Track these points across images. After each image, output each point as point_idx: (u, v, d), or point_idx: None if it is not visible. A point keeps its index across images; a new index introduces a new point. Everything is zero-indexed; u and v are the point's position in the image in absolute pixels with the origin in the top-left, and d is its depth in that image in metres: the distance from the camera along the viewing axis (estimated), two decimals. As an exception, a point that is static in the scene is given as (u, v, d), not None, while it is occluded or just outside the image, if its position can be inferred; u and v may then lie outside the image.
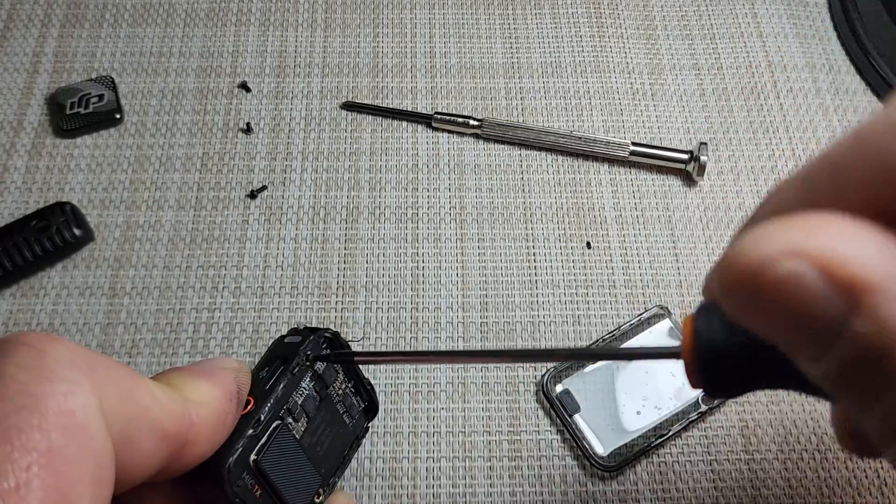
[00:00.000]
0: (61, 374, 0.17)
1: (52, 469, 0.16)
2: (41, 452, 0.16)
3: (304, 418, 0.28)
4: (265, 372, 0.28)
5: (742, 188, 0.43)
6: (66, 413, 0.17)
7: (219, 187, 0.43)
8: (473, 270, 0.41)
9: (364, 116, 0.45)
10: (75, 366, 0.18)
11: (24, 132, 0.44)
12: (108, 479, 0.18)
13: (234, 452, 0.25)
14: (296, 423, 0.28)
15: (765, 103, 0.46)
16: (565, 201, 0.43)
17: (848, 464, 0.36)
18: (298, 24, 0.48)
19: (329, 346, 0.29)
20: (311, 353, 0.29)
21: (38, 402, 0.17)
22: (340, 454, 0.30)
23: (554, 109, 0.46)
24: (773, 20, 0.49)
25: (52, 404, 0.17)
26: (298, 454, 0.28)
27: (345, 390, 0.30)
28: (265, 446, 0.26)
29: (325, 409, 0.29)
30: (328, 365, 0.29)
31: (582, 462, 0.36)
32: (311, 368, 0.29)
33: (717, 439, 0.36)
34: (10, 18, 0.48)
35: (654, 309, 0.39)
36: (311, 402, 0.29)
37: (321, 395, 0.29)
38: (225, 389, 0.23)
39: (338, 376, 0.30)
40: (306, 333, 0.29)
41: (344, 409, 0.30)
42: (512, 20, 0.49)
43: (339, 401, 0.30)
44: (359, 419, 0.31)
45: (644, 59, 0.48)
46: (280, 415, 0.27)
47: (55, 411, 0.17)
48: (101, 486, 0.17)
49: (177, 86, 0.46)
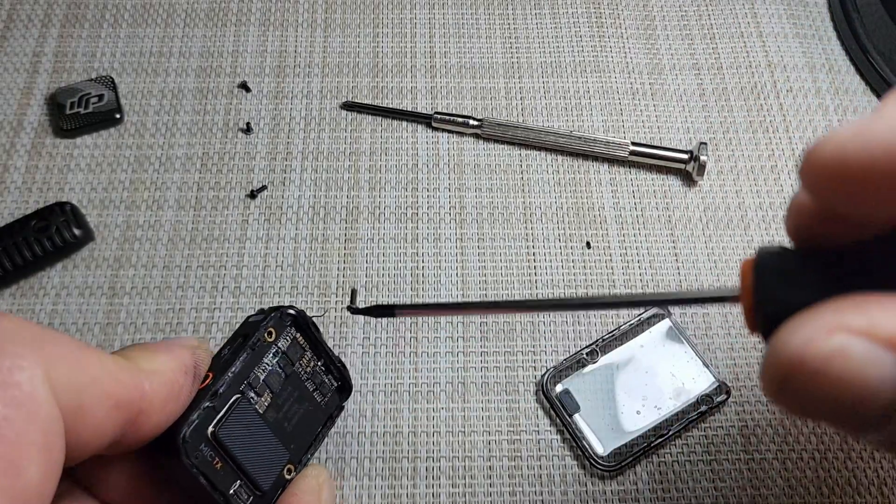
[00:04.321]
0: (7, 348, 0.18)
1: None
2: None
3: (267, 393, 0.29)
4: (227, 350, 0.28)
5: (742, 188, 0.43)
6: (13, 385, 0.17)
7: (219, 187, 0.43)
8: (473, 270, 0.41)
9: (364, 116, 0.45)
10: (22, 340, 0.18)
11: (24, 132, 0.44)
12: (57, 448, 0.18)
13: (191, 423, 0.25)
14: (258, 397, 0.28)
15: (765, 103, 0.46)
16: (565, 201, 0.43)
17: (848, 464, 0.36)
18: (298, 24, 0.48)
19: (294, 324, 0.30)
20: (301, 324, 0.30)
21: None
22: (312, 431, 0.30)
23: (554, 109, 0.46)
24: (772, 20, 0.49)
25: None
26: (261, 428, 0.28)
27: (314, 368, 0.31)
28: (223, 418, 0.26)
29: (291, 385, 0.30)
30: (293, 341, 0.30)
31: (582, 462, 0.36)
32: (275, 344, 0.29)
33: (716, 439, 0.36)
34: (10, 18, 0.48)
35: (654, 309, 0.39)
36: (275, 377, 0.29)
37: (286, 371, 0.29)
38: (180, 362, 0.24)
39: (304, 354, 0.30)
40: (269, 312, 0.29)
41: (314, 386, 0.31)
42: (512, 20, 0.49)
43: (307, 378, 0.30)
44: (331, 398, 0.31)
45: (644, 59, 0.48)
46: (241, 389, 0.28)
47: (1, 384, 0.17)
48: (50, 454, 0.18)
49: (177, 86, 0.46)
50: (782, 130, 0.45)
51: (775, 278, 0.18)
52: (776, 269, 0.18)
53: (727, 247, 0.42)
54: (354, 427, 0.36)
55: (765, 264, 0.18)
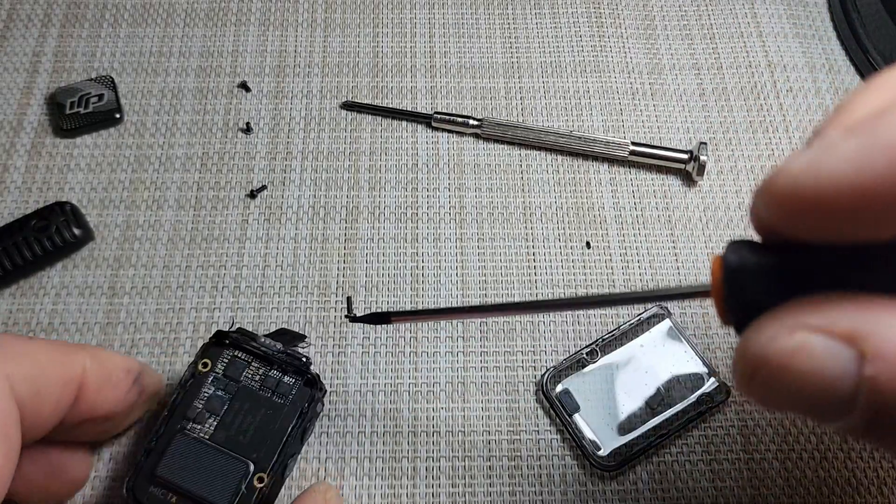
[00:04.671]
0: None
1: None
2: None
3: (212, 418, 0.31)
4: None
5: (742, 188, 0.43)
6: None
7: (218, 187, 0.43)
8: (473, 270, 0.41)
9: (364, 116, 0.45)
10: None
11: (24, 132, 0.44)
12: (12, 436, 0.23)
13: (138, 470, 0.30)
14: (200, 425, 0.31)
15: (765, 103, 0.46)
16: (565, 201, 0.43)
17: (848, 463, 0.36)
18: (298, 24, 0.48)
19: (231, 345, 0.33)
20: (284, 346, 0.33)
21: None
22: (281, 432, 0.32)
23: (554, 109, 0.46)
24: (772, 20, 0.49)
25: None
26: (209, 452, 0.31)
27: (264, 375, 0.33)
28: (164, 457, 0.30)
29: (241, 399, 0.32)
30: (231, 360, 0.32)
31: (582, 462, 0.36)
32: (213, 372, 0.32)
33: (716, 439, 0.36)
34: (10, 18, 0.48)
35: (654, 309, 0.39)
36: (216, 401, 0.32)
37: (232, 389, 0.32)
38: (124, 364, 0.30)
39: (249, 366, 0.33)
40: (202, 346, 0.33)
41: (270, 391, 0.33)
42: (512, 20, 0.49)
43: (259, 387, 0.33)
44: (298, 394, 0.33)
45: (644, 58, 0.48)
46: (179, 426, 0.31)
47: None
48: (8, 440, 0.23)
49: (177, 86, 0.46)
50: (782, 130, 0.45)
51: (742, 275, 0.18)
52: (743, 265, 0.18)
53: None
54: (354, 427, 0.36)
55: (733, 260, 0.19)
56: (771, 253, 0.18)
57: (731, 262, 0.19)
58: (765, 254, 0.18)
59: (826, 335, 0.16)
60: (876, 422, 0.16)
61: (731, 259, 0.19)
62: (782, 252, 0.18)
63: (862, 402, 0.15)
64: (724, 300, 0.19)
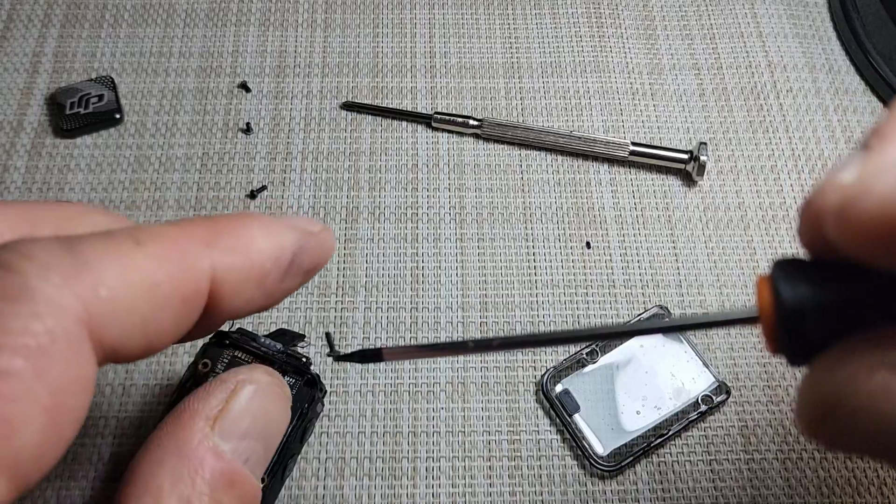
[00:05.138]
0: (28, 293, 0.16)
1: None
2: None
3: None
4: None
5: (742, 188, 0.43)
6: (27, 334, 0.15)
7: (218, 187, 0.43)
8: (473, 270, 0.41)
9: (364, 116, 0.45)
10: (49, 281, 0.16)
11: (24, 132, 0.44)
12: (68, 407, 0.16)
13: None
14: None
15: (765, 103, 0.46)
16: (565, 201, 0.43)
17: (848, 464, 0.36)
18: (298, 24, 0.48)
19: (231, 345, 0.32)
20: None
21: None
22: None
23: (554, 109, 0.46)
24: (772, 20, 0.49)
25: (12, 326, 0.15)
26: None
27: None
28: None
29: None
30: (231, 360, 0.32)
31: (582, 462, 0.36)
32: (213, 372, 0.32)
33: (717, 439, 0.36)
34: (10, 18, 0.48)
35: (654, 309, 0.39)
36: None
37: None
38: (271, 247, 0.20)
39: None
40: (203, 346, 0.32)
41: None
42: (512, 20, 0.49)
43: None
44: (298, 393, 0.32)
45: (644, 59, 0.48)
46: None
47: (13, 332, 0.15)
48: (57, 415, 0.16)
49: (177, 86, 0.46)
50: (782, 130, 0.45)
51: (801, 310, 0.16)
52: (801, 300, 0.16)
53: (727, 247, 0.42)
54: (354, 427, 0.36)
55: (789, 295, 0.16)
56: (828, 281, 0.16)
57: (787, 296, 0.16)
58: (822, 283, 0.16)
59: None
60: None
61: (787, 293, 0.16)
62: (840, 277, 0.16)
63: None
64: (776, 330, 0.17)
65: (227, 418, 0.21)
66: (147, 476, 0.20)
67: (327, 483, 0.35)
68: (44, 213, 0.20)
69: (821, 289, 0.16)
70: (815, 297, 0.16)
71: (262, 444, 0.22)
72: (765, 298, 0.17)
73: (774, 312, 0.17)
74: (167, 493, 0.19)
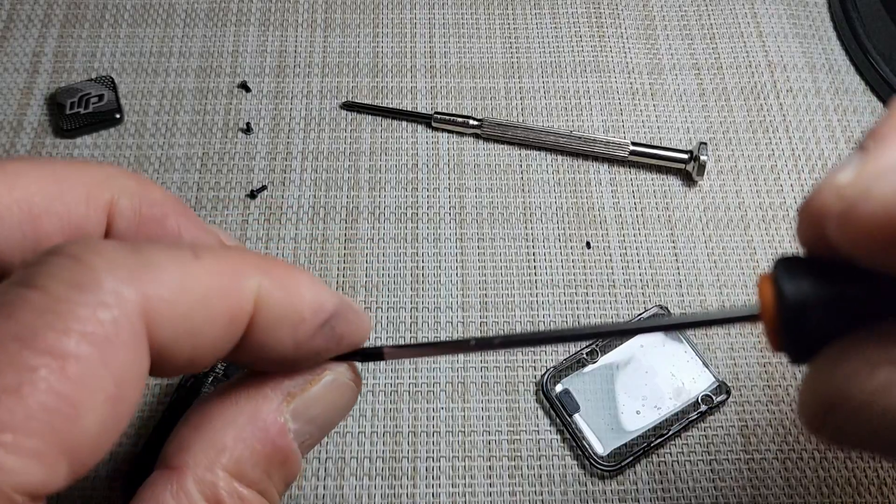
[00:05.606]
0: (96, 283, 0.16)
1: (63, 375, 0.15)
2: (55, 356, 0.15)
3: None
4: None
5: (742, 188, 0.43)
6: (94, 322, 0.16)
7: (219, 187, 0.43)
8: (473, 270, 0.41)
9: (364, 116, 0.45)
10: (115, 275, 0.16)
11: (24, 132, 0.44)
12: (127, 398, 0.17)
13: (134, 473, 0.31)
14: None
15: (765, 103, 0.46)
16: (565, 201, 0.43)
17: (848, 463, 0.36)
18: (298, 24, 0.48)
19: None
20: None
21: (64, 311, 0.15)
22: None
23: (554, 109, 0.46)
24: (773, 20, 0.49)
25: (80, 313, 0.15)
26: None
27: None
28: None
29: None
30: (229, 364, 0.32)
31: (582, 462, 0.36)
32: (212, 373, 0.32)
33: (717, 439, 0.36)
34: (10, 18, 0.48)
35: (654, 309, 0.39)
36: None
37: None
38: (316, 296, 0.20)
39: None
40: None
41: None
42: (512, 20, 0.49)
43: None
44: None
45: (644, 58, 0.48)
46: None
47: (81, 319, 0.15)
48: (116, 406, 0.16)
49: (177, 86, 0.46)
50: (782, 130, 0.45)
51: (803, 307, 0.16)
52: (804, 298, 0.16)
53: (727, 247, 0.42)
54: (354, 427, 0.36)
55: (791, 292, 0.16)
56: (830, 278, 0.16)
57: (789, 293, 0.16)
58: (824, 280, 0.16)
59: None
60: None
61: (789, 290, 0.16)
62: (841, 274, 0.16)
63: None
64: (778, 327, 0.17)
65: (303, 400, 0.21)
66: (216, 428, 0.20)
67: (327, 483, 0.35)
68: (73, 174, 0.20)
69: (822, 285, 0.16)
70: (816, 293, 0.16)
71: (319, 432, 0.22)
72: (767, 295, 0.17)
73: (776, 309, 0.17)
74: (228, 451, 0.19)
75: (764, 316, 0.17)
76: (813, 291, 0.16)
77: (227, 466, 0.19)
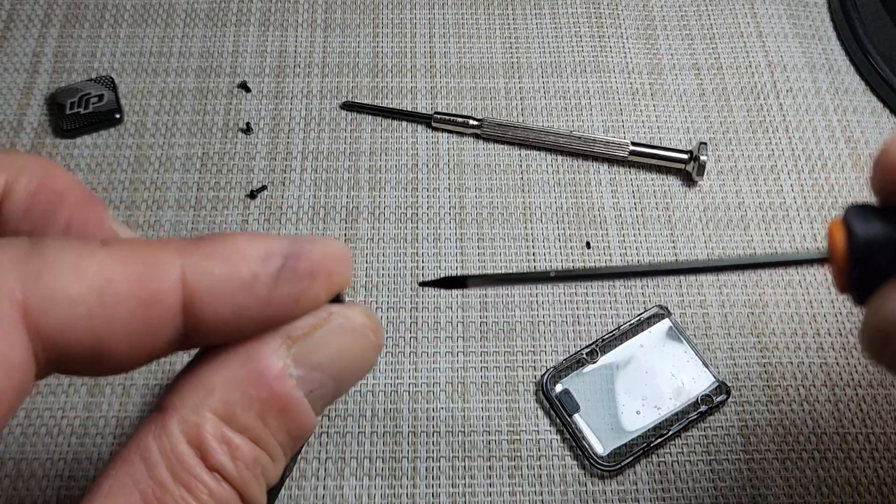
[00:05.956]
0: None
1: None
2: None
3: None
4: None
5: (742, 188, 0.43)
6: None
7: (218, 187, 0.43)
8: (473, 270, 0.41)
9: (364, 116, 0.45)
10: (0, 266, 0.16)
11: (24, 132, 0.44)
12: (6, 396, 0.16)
13: None
14: None
15: (765, 103, 0.46)
16: (565, 201, 0.43)
17: (847, 464, 0.36)
18: (298, 24, 0.48)
19: None
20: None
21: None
22: None
23: (554, 109, 0.46)
24: (772, 20, 0.49)
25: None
26: None
27: None
28: None
29: None
30: None
31: (582, 462, 0.36)
32: None
33: (716, 439, 0.36)
34: (10, 18, 0.48)
35: (654, 309, 0.39)
36: None
37: None
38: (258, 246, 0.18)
39: None
40: None
41: None
42: (512, 20, 0.49)
43: None
44: None
45: (644, 59, 0.48)
46: None
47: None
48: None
49: (177, 86, 0.46)
50: (782, 130, 0.45)
51: (872, 245, 0.18)
52: (873, 236, 0.18)
53: (727, 247, 0.42)
54: (354, 427, 0.36)
55: (861, 230, 0.18)
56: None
57: (859, 231, 0.18)
58: (893, 224, 0.18)
59: None
60: None
61: (859, 228, 0.18)
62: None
63: None
64: (847, 269, 0.18)
65: (307, 344, 0.19)
66: (207, 371, 0.19)
67: (327, 483, 0.35)
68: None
69: (891, 228, 0.18)
70: (886, 233, 0.18)
71: (333, 382, 0.20)
72: (838, 237, 0.18)
73: (847, 249, 0.18)
74: (217, 393, 0.18)
75: (834, 258, 0.19)
76: (882, 232, 0.18)
77: (216, 408, 0.18)
